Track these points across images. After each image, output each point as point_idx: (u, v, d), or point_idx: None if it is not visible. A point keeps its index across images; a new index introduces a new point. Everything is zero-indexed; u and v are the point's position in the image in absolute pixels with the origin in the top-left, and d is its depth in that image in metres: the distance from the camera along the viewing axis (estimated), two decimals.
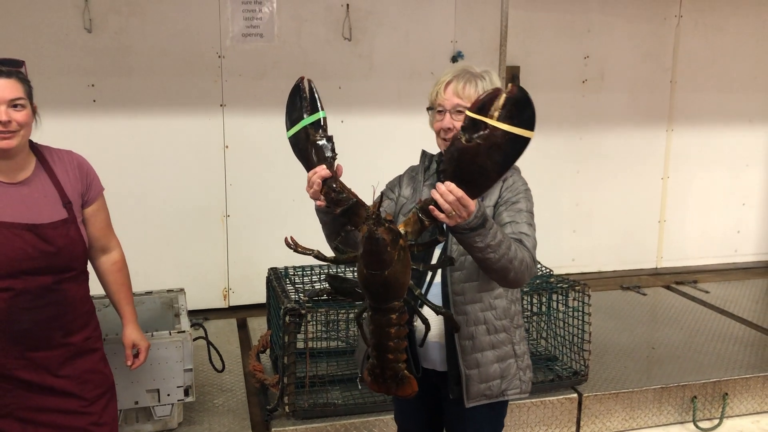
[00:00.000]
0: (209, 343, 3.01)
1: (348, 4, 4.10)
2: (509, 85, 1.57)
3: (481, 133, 1.54)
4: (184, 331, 2.74)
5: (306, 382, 2.87)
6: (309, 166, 1.83)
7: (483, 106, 1.56)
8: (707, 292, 4.68)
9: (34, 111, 2.02)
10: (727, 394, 3.30)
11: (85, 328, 2.09)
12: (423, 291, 1.90)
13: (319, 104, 1.87)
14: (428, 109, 1.99)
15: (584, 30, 4.66)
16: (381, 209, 1.65)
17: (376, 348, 1.74)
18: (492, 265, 1.72)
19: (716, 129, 5.06)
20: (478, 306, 1.91)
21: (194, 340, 2.82)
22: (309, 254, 1.81)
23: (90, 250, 2.13)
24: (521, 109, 1.55)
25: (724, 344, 3.75)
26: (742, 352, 3.64)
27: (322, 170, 1.79)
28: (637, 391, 3.20)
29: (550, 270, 3.45)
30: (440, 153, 2.01)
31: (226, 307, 4.24)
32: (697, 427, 3.23)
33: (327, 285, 3.14)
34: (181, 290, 3.14)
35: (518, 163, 2.15)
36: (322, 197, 1.80)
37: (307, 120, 1.86)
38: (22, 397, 1.99)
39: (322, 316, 2.95)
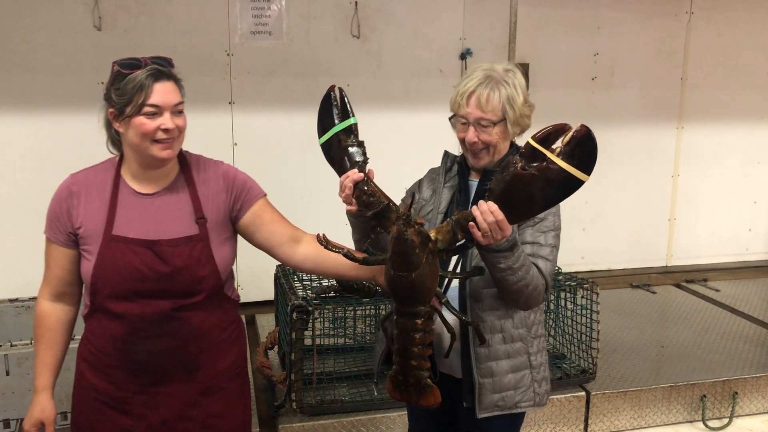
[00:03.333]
0: None
1: (356, 2, 4.10)
2: (580, 124, 1.56)
3: (538, 164, 1.55)
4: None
5: (313, 378, 2.88)
6: (341, 171, 1.84)
7: (547, 138, 1.57)
8: (718, 290, 4.65)
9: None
10: (737, 393, 3.28)
11: (214, 362, 1.83)
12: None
13: (350, 110, 1.90)
14: (450, 117, 1.94)
15: (594, 27, 4.63)
16: (412, 210, 1.66)
17: (399, 353, 1.74)
18: (508, 286, 1.72)
19: (727, 126, 5.03)
20: (496, 314, 1.87)
21: None
22: (338, 252, 1.81)
23: (277, 248, 1.93)
24: (584, 151, 1.56)
25: (734, 343, 3.73)
26: (753, 351, 3.61)
27: (354, 174, 1.78)
28: (646, 390, 3.19)
29: (559, 268, 3.43)
30: (460, 157, 1.99)
31: None
32: (706, 426, 3.21)
33: (334, 282, 3.16)
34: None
35: None
36: (353, 201, 1.79)
37: (339, 126, 1.88)
38: None
39: (330, 313, 2.96)
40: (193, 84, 4.56)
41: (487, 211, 1.58)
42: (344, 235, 4.77)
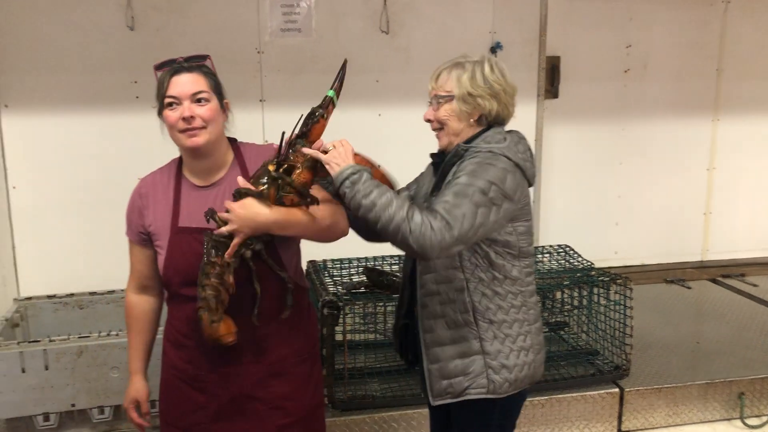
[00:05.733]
0: None
1: None
2: None
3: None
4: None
5: (344, 373, 2.90)
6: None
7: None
8: (756, 285, 4.55)
9: (224, 106, 1.92)
10: None
11: (280, 346, 1.90)
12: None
13: (333, 84, 2.01)
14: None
15: (626, 18, 4.56)
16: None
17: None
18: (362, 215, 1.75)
19: (764, 118, 4.91)
20: (437, 299, 1.87)
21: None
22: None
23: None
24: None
25: None
26: None
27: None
28: (681, 387, 3.14)
29: (591, 263, 3.40)
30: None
31: None
32: (744, 424, 3.15)
33: (365, 278, 3.17)
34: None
35: (558, 155, 2.12)
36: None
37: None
38: (215, 415, 1.89)
39: (360, 309, 2.97)
40: (224, 82, 4.59)
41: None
42: None
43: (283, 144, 1.86)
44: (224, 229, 1.73)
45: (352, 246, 3.93)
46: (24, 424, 2.69)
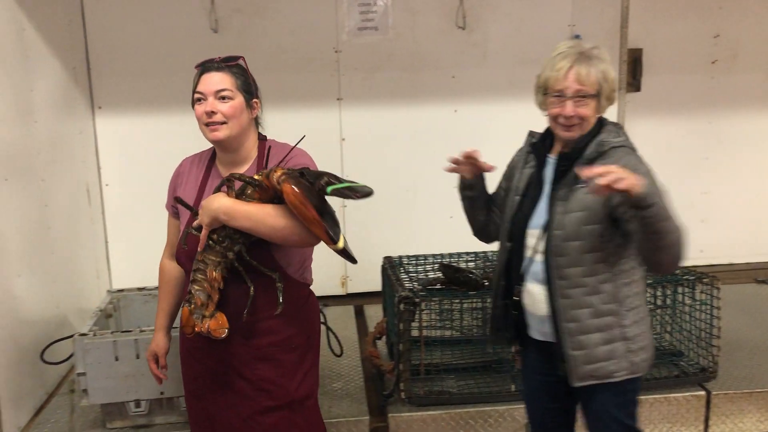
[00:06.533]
0: (328, 329, 3.11)
1: None
2: None
3: None
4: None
5: (421, 369, 2.91)
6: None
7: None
8: None
9: (252, 105, 2.05)
10: None
11: (269, 334, 2.03)
12: (525, 268, 2.02)
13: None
14: (543, 93, 2.02)
15: (714, 7, 4.37)
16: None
17: None
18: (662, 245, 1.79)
19: None
20: (582, 290, 1.93)
21: None
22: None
23: None
24: None
25: None
26: None
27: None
28: None
29: None
30: (538, 135, 2.16)
31: (344, 294, 4.36)
32: None
33: (440, 274, 3.17)
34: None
35: (640, 150, 2.08)
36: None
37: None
38: (210, 385, 2.09)
39: (436, 305, 2.98)
40: (302, 81, 4.73)
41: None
42: (449, 228, 4.79)
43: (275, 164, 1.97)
44: (195, 223, 1.91)
45: (428, 242, 3.97)
46: (117, 409, 2.83)
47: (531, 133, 2.20)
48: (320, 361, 3.26)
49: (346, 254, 1.85)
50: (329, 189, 1.82)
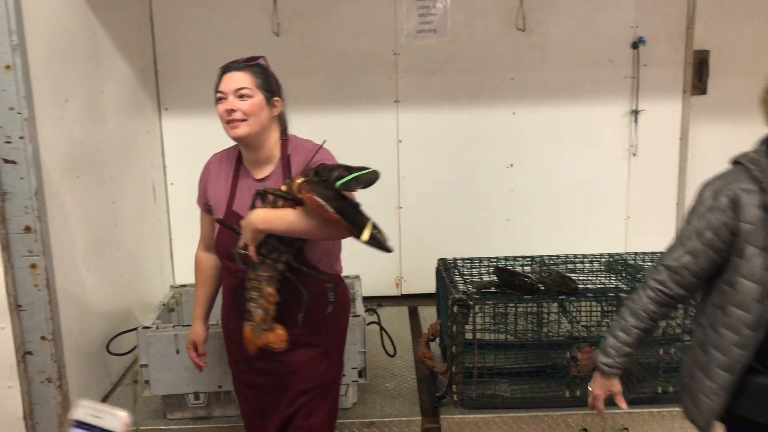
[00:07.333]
0: (382, 329, 3.14)
1: None
2: None
3: None
4: (359, 316, 2.88)
5: (474, 372, 2.90)
6: None
7: None
8: None
9: (273, 103, 2.10)
10: None
11: (295, 321, 2.09)
12: None
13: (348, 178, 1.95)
14: None
15: None
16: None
17: None
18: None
19: None
20: None
21: (368, 324, 2.95)
22: None
23: None
24: None
25: None
26: None
27: None
28: None
29: None
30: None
31: (399, 295, 4.38)
32: None
33: (495, 277, 3.16)
34: (357, 277, 3.30)
35: (705, 155, 2.00)
36: None
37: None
38: (248, 369, 2.23)
39: (490, 309, 2.96)
40: (360, 84, 4.77)
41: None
42: (505, 231, 4.74)
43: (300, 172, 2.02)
44: (240, 243, 1.97)
45: (483, 245, 3.95)
46: (177, 401, 2.92)
47: (751, 159, 1.85)
48: (374, 361, 3.31)
49: (376, 244, 1.85)
50: (337, 184, 1.85)
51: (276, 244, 1.98)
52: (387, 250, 1.86)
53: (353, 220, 1.84)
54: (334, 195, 1.84)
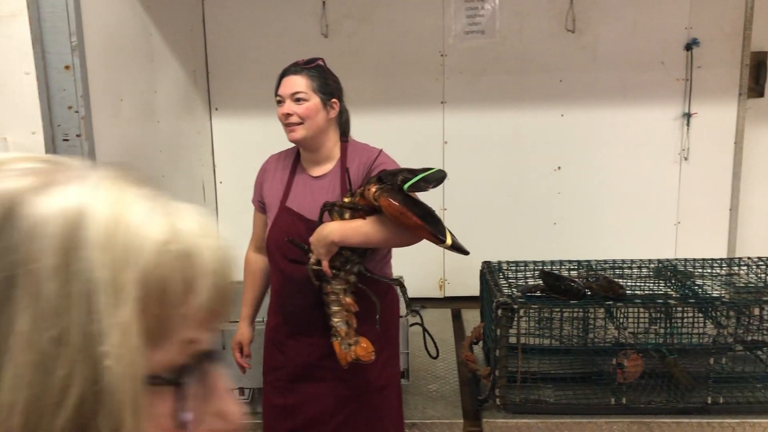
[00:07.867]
0: (425, 330, 3.13)
1: None
2: None
3: None
4: (402, 317, 2.88)
5: (518, 376, 2.88)
6: None
7: None
8: None
9: (331, 105, 2.12)
10: None
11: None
12: None
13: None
14: None
15: None
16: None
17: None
18: None
19: None
20: None
21: (411, 326, 2.95)
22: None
23: None
24: None
25: None
26: None
27: None
28: None
29: None
30: None
31: (442, 297, 4.37)
32: None
33: (541, 281, 3.12)
34: (400, 277, 3.30)
35: (761, 159, 1.96)
36: None
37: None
38: (290, 376, 2.20)
39: (535, 313, 2.94)
40: (407, 85, 4.78)
41: None
42: (552, 235, 4.69)
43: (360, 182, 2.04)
44: (312, 259, 1.96)
45: (529, 248, 3.91)
46: None
47: None
48: (416, 362, 3.31)
49: (456, 248, 1.87)
50: (405, 187, 1.85)
51: (348, 255, 1.99)
52: (465, 252, 1.88)
53: (435, 226, 1.83)
54: (414, 202, 1.85)
